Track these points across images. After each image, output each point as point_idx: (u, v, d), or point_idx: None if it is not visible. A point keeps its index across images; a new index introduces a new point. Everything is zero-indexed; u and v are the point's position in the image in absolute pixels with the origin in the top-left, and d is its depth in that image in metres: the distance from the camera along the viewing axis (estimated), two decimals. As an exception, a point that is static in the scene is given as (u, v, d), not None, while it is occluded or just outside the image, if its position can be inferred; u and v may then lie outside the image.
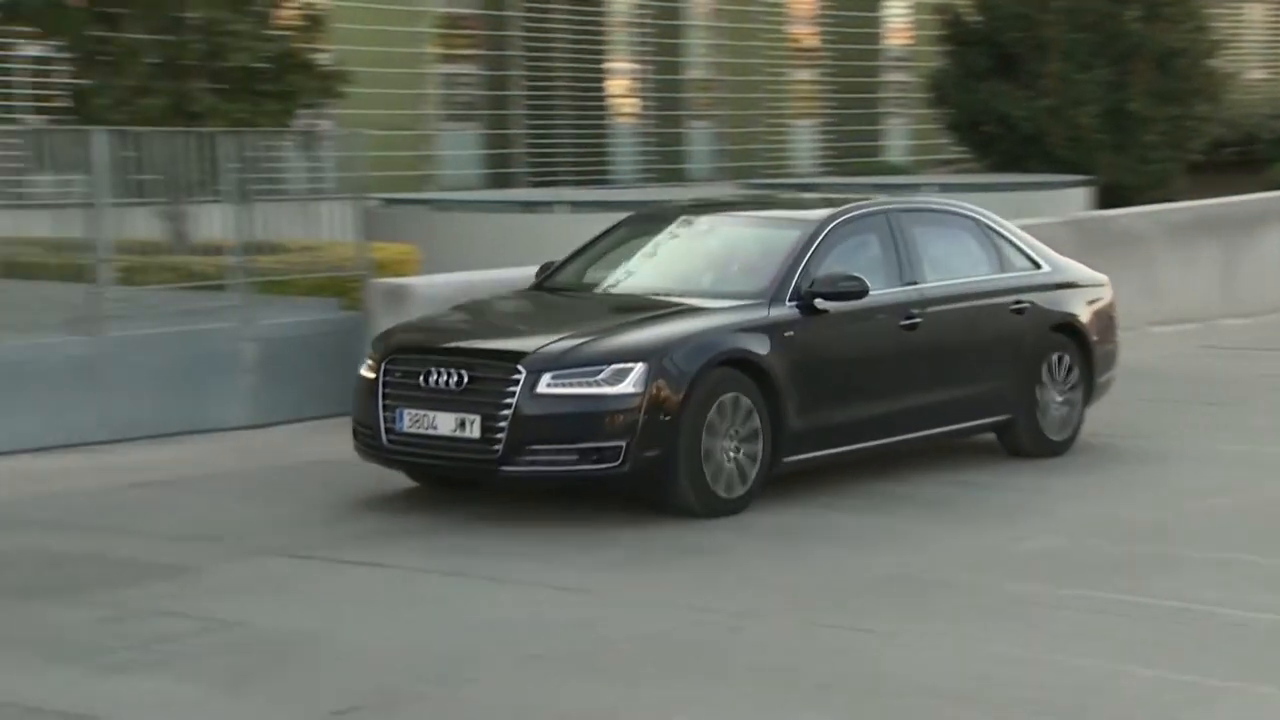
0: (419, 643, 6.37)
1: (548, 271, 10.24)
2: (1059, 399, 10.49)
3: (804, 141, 32.95)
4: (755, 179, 28.04)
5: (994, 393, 10.12)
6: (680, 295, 9.33)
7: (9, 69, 19.96)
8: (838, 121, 32.96)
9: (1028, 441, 10.33)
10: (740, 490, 8.79)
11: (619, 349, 8.55)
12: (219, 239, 13.44)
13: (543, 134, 28.04)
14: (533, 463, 8.34)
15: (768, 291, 9.19)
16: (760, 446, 8.81)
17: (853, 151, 32.28)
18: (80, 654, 6.02)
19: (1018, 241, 10.69)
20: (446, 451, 8.53)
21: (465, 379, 8.48)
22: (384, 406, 8.68)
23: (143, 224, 14.30)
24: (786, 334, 9.00)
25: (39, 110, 19.56)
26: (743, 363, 8.74)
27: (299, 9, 18.75)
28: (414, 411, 8.59)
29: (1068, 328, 10.62)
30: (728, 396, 8.68)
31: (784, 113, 32.30)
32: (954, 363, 9.88)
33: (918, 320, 9.69)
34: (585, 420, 8.34)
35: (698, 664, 6.14)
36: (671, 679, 5.96)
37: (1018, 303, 10.36)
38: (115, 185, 12.15)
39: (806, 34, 33.53)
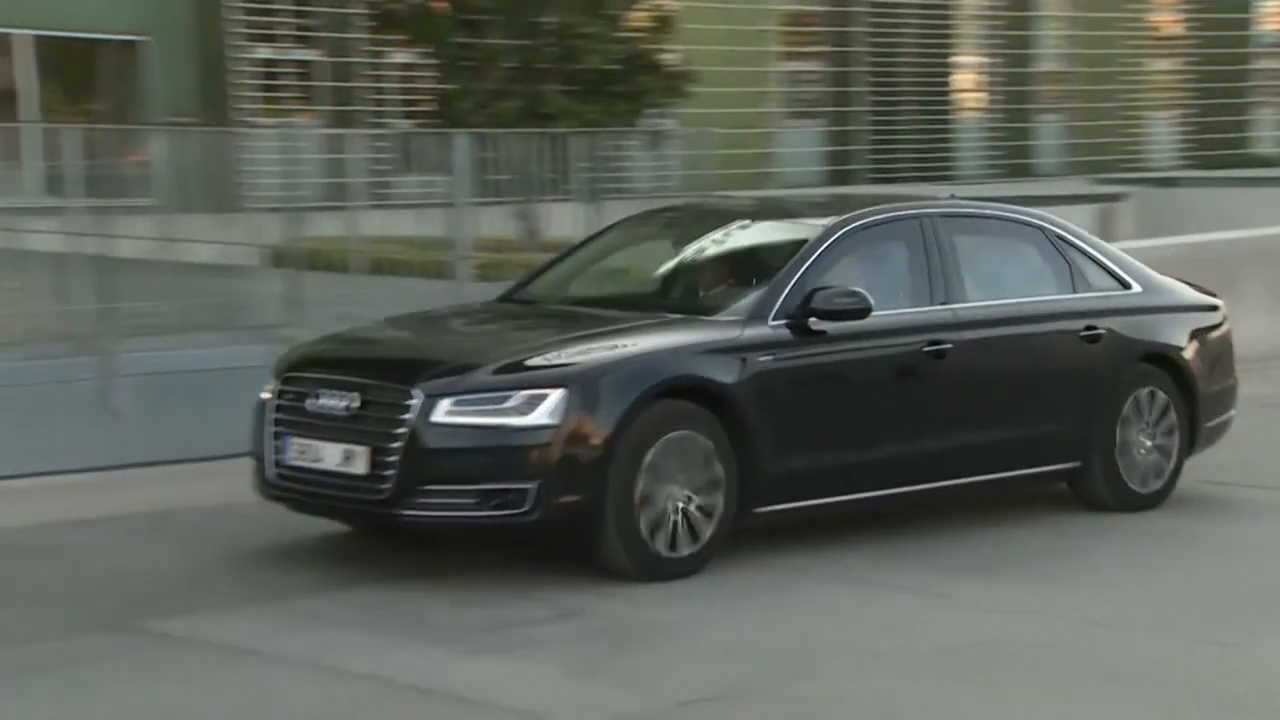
0: (762, 638, 6.38)
1: (520, 281, 8.71)
2: (1148, 444, 8.54)
3: (1161, 134, 32.01)
4: (1109, 174, 27.37)
5: (1056, 435, 8.29)
6: (649, 310, 7.71)
7: (381, 75, 21.09)
8: (1199, 113, 31.89)
9: (1105, 493, 8.42)
10: (689, 548, 7.04)
11: (535, 371, 6.93)
12: (569, 237, 13.94)
13: (885, 130, 28.03)
14: (426, 506, 6.77)
15: (746, 308, 7.48)
16: (721, 496, 7.10)
17: (1215, 144, 31.19)
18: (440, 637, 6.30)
19: (1101, 257, 8.79)
20: (332, 489, 6.99)
21: (355, 404, 6.98)
22: (273, 434, 7.20)
23: (498, 222, 14.96)
24: (763, 359, 7.27)
25: (406, 115, 20.58)
26: (700, 392, 7.08)
27: (649, 11, 19.27)
28: (300, 441, 7.10)
29: (1161, 359, 8.64)
30: (678, 434, 6.98)
31: (1140, 104, 31.44)
32: (998, 398, 8.09)
33: (947, 346, 7.85)
34: (487, 456, 6.77)
35: (1061, 672, 5.93)
36: (1028, 686, 5.82)
37: (1090, 328, 8.41)
38: (474, 185, 12.76)
39: (1169, 21, 32.54)
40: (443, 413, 6.77)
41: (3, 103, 18.21)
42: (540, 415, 6.77)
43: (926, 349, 7.83)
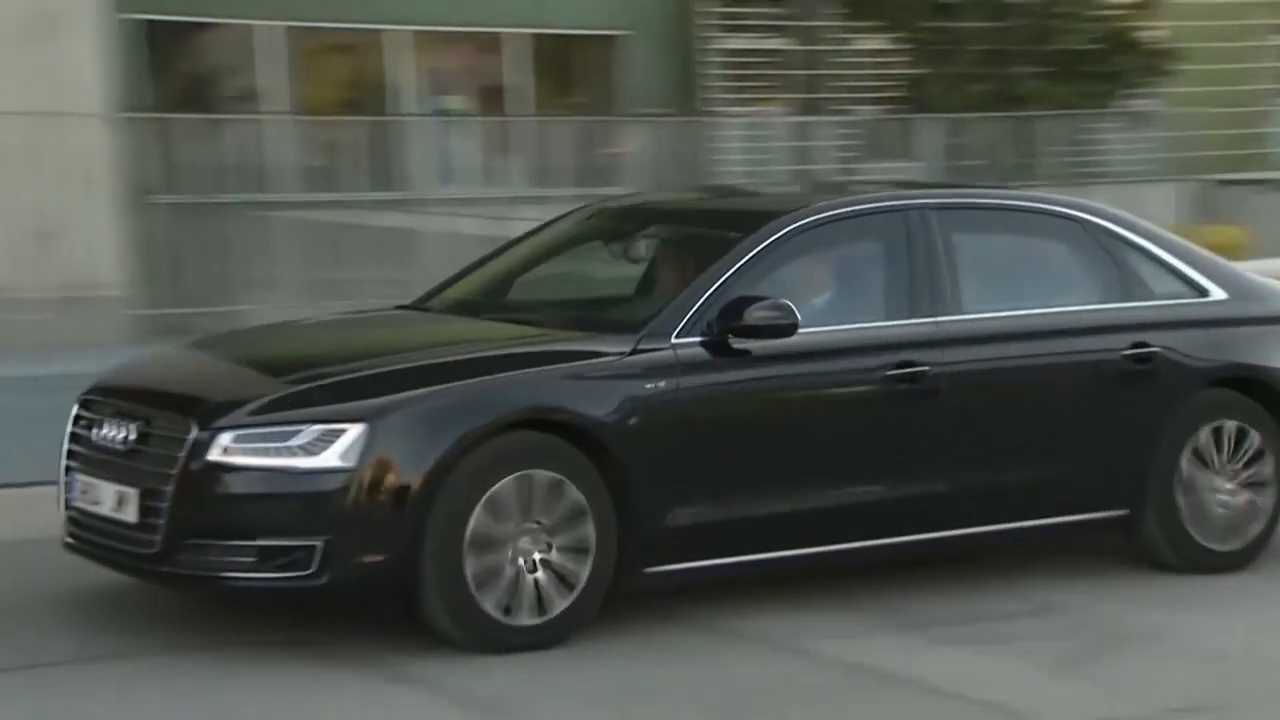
0: (1260, 651, 6.00)
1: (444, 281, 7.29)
2: (1225, 488, 6.80)
3: None
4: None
5: (1089, 477, 6.65)
6: (545, 323, 6.51)
7: (849, 63, 21.16)
8: None
9: (1167, 548, 6.76)
10: (542, 615, 5.70)
11: (332, 401, 5.65)
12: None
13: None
14: (199, 564, 5.57)
15: (642, 323, 6.07)
16: (590, 552, 5.76)
17: None
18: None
19: (1169, 257, 7.03)
20: (109, 539, 5.85)
21: (133, 436, 5.78)
22: (65, 469, 6.09)
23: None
24: (653, 385, 5.89)
25: (874, 101, 20.60)
26: (564, 426, 5.76)
27: (1131, -12, 18.63)
28: (84, 478, 5.97)
29: (1246, 384, 6.88)
30: (527, 476, 5.67)
31: None
32: (998, 432, 6.51)
33: (923, 369, 6.30)
34: (267, 506, 5.54)
35: None
36: None
37: (1139, 345, 6.69)
38: (941, 171, 12.66)
39: None
40: (220, 450, 5.51)
41: (492, 98, 19.23)
42: (331, 456, 5.47)
43: (893, 372, 6.25)
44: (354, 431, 5.52)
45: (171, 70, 17.29)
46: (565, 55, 19.92)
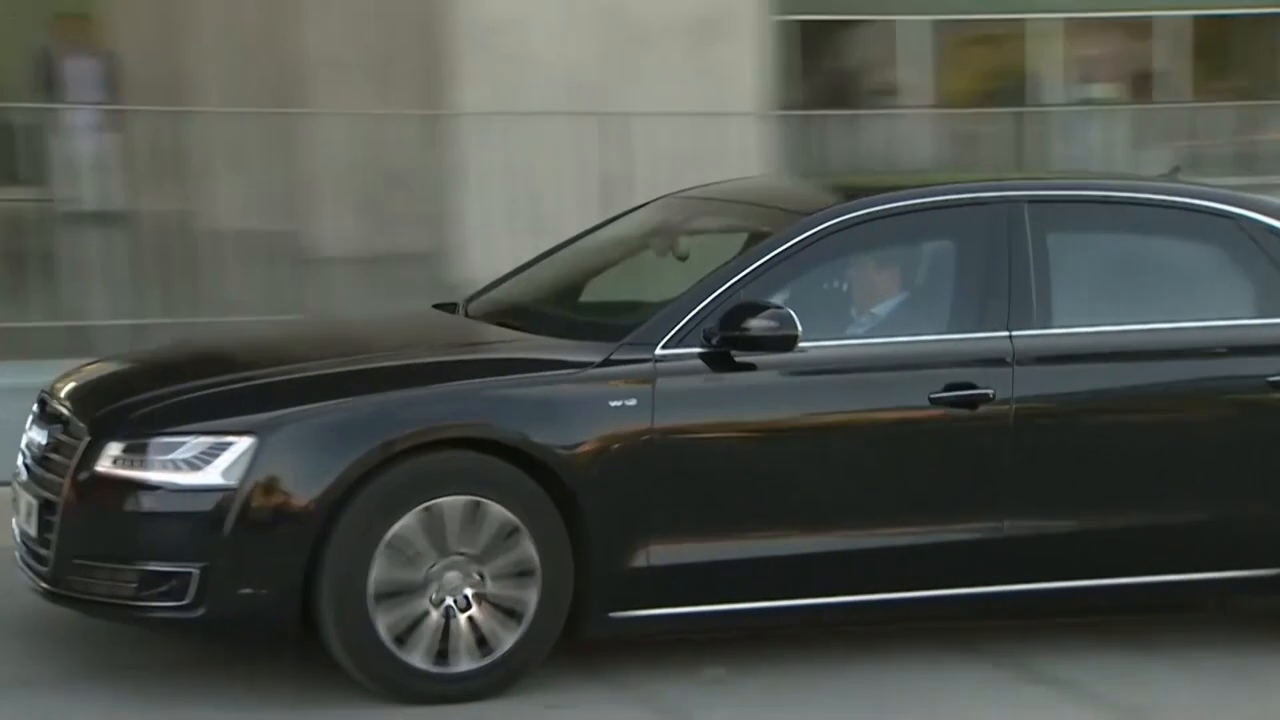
0: None
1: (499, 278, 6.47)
2: None
3: None
4: None
5: (1221, 528, 5.53)
6: (537, 330, 5.60)
7: None
8: None
9: None
10: (474, 661, 4.98)
11: (224, 411, 4.99)
12: None
13: None
14: (84, 586, 4.99)
15: (629, 330, 5.26)
16: (534, 591, 4.98)
17: None
18: None
19: None
20: (24, 553, 5.31)
21: (45, 441, 5.29)
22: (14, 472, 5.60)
23: None
24: (619, 403, 5.05)
25: None
26: (499, 447, 4.98)
27: None
28: (17, 485, 5.45)
29: None
30: (452, 501, 4.91)
31: None
32: (1090, 471, 5.41)
33: (985, 393, 5.26)
34: (149, 524, 4.91)
35: None
36: None
37: None
38: None
39: None
40: (109, 460, 4.96)
41: (1139, 85, 18.55)
42: (213, 473, 4.86)
43: (942, 394, 5.26)
44: (240, 445, 4.86)
45: (818, 67, 17.68)
46: (1223, 38, 19.01)
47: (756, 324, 5.13)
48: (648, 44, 12.35)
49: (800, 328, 5.11)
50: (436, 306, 6.19)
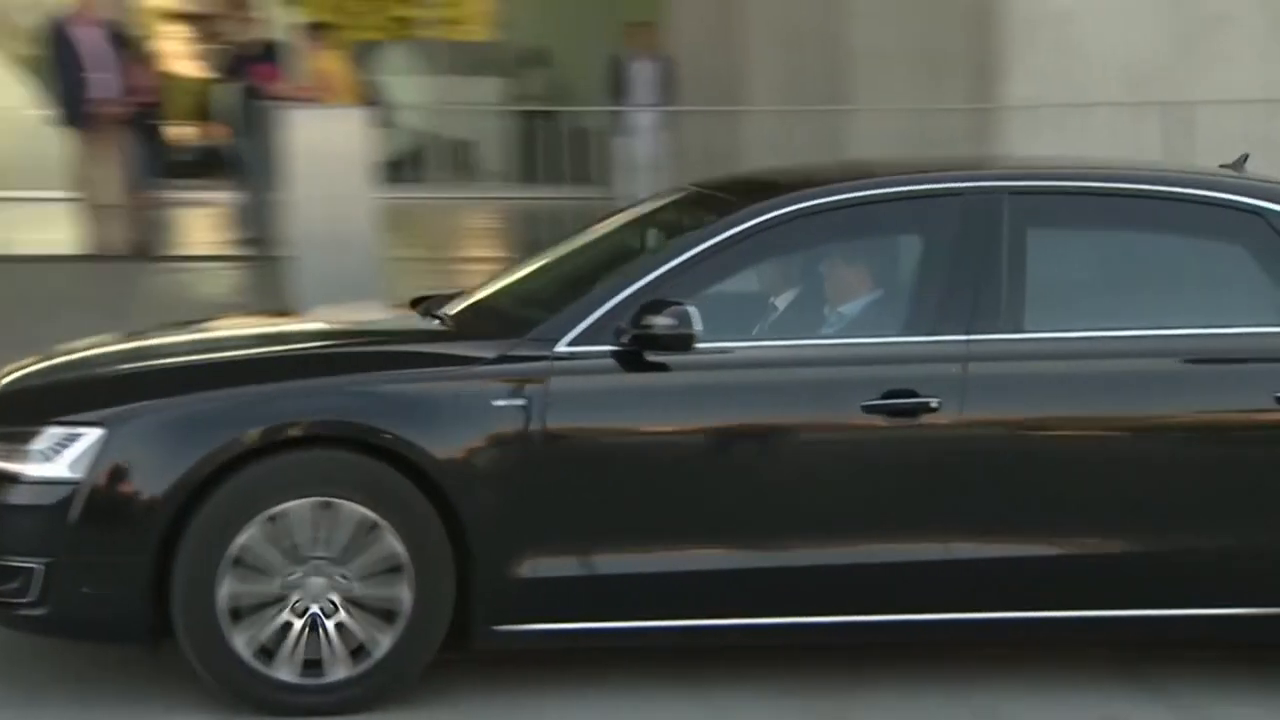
0: None
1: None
2: None
3: None
4: None
5: (1221, 556, 4.79)
6: (457, 326, 5.22)
7: None
8: None
9: None
10: (350, 669, 4.63)
11: (80, 401, 4.80)
12: None
13: None
14: None
15: (533, 325, 4.87)
16: (408, 586, 4.63)
17: None
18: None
19: None
20: None
21: None
22: None
23: None
24: (504, 402, 4.66)
25: None
26: (368, 445, 4.64)
27: None
28: None
29: None
30: (300, 505, 4.57)
31: None
32: (1061, 488, 4.75)
33: (925, 401, 4.67)
34: (1, 517, 4.75)
35: None
36: None
37: None
38: None
39: None
40: None
41: None
42: (60, 465, 4.65)
43: (877, 402, 4.70)
44: (90, 437, 4.66)
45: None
46: None
47: (658, 321, 4.75)
48: (1221, 27, 11.75)
49: (699, 327, 4.70)
50: (413, 302, 5.81)
